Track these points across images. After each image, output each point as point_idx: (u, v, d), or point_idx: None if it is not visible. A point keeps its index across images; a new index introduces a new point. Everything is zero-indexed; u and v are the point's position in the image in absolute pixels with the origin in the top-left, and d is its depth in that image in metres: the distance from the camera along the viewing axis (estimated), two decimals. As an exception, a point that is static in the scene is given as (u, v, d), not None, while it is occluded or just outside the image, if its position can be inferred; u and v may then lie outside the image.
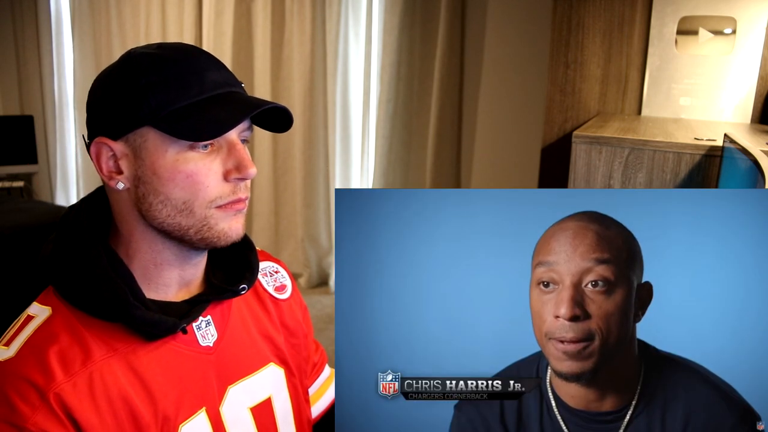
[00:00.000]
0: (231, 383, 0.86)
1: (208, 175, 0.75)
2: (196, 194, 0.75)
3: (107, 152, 0.76)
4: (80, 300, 0.75)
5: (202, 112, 0.74)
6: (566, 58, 2.33)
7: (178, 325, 0.78)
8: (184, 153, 0.74)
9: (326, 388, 1.06)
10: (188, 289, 0.84)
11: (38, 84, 4.43)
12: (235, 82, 0.80)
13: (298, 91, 3.74)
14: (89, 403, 0.72)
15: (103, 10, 4.20)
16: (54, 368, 0.71)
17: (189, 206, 0.75)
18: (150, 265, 0.80)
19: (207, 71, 0.76)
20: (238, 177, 0.76)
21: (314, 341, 1.05)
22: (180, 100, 0.74)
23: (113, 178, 0.77)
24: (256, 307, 0.94)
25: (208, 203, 0.76)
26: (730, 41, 2.12)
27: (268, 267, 0.99)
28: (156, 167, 0.75)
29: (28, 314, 0.77)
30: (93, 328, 0.75)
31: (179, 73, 0.74)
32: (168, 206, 0.75)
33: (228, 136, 0.76)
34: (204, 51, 0.80)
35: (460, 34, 3.36)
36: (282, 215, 4.02)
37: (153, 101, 0.73)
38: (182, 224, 0.76)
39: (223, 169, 0.76)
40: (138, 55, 0.77)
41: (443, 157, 3.47)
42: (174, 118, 0.73)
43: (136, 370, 0.76)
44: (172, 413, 0.78)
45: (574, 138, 1.65)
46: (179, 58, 0.76)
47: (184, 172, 0.74)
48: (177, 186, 0.75)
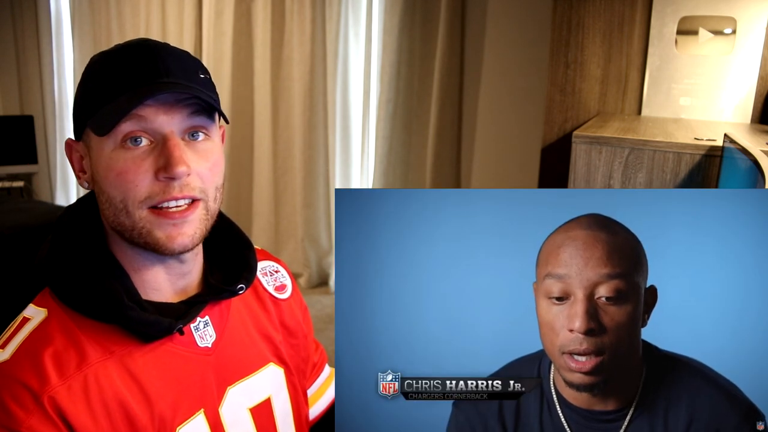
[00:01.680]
0: (230, 384, 0.85)
1: (137, 172, 0.73)
2: (126, 193, 0.73)
3: (75, 152, 0.79)
4: (75, 301, 0.75)
5: (111, 106, 0.72)
6: (566, 58, 2.33)
7: (174, 326, 0.77)
8: (117, 151, 0.73)
9: (326, 388, 1.05)
10: (185, 290, 0.83)
11: (38, 84, 4.43)
12: (177, 74, 0.75)
13: (298, 91, 3.74)
14: (84, 407, 0.71)
15: (103, 10, 4.20)
16: (49, 371, 0.70)
17: (124, 205, 0.74)
18: (131, 270, 0.79)
19: (141, 64, 0.73)
20: (166, 176, 0.72)
21: (314, 341, 1.05)
22: (106, 97, 0.73)
23: (80, 177, 0.80)
24: (255, 306, 0.93)
25: (140, 203, 0.73)
26: (730, 41, 2.12)
27: (268, 266, 0.99)
28: (97, 166, 0.75)
29: (24, 316, 0.77)
30: (89, 330, 0.75)
31: (114, 69, 0.74)
32: (111, 205, 0.75)
33: (160, 130, 0.73)
34: (153, 44, 0.76)
35: (460, 34, 3.36)
36: (282, 215, 4.01)
37: (90, 99, 0.75)
38: (125, 225, 0.75)
39: (155, 166, 0.73)
40: (94, 56, 0.78)
41: (443, 157, 3.47)
42: (98, 113, 0.74)
43: (133, 372, 0.75)
44: (169, 415, 0.77)
45: (574, 138, 1.66)
46: (121, 55, 0.75)
47: (115, 170, 0.73)
48: (111, 184, 0.74)
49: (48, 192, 4.57)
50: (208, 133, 0.77)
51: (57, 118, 4.45)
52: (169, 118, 0.73)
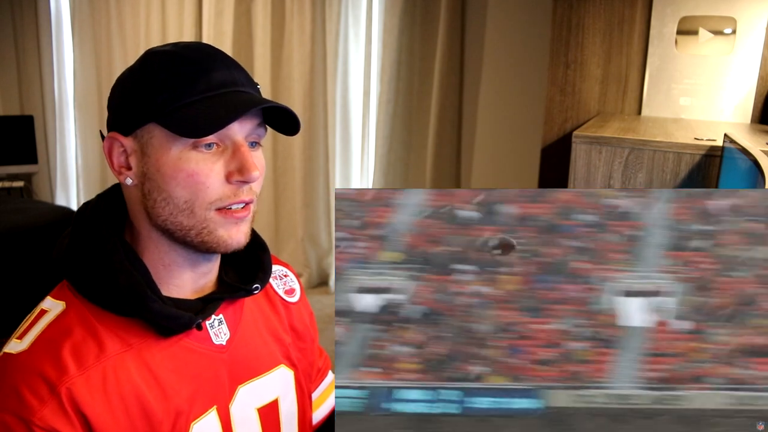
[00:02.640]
0: (241, 383, 0.85)
1: (209, 175, 0.74)
2: (196, 194, 0.74)
3: (118, 148, 0.77)
4: (96, 294, 0.75)
5: (201, 109, 0.73)
6: (566, 58, 2.33)
7: (194, 320, 0.78)
8: (187, 152, 0.74)
9: (328, 395, 1.06)
10: (203, 288, 0.84)
11: (38, 84, 4.43)
12: (245, 82, 0.78)
13: (298, 91, 3.74)
14: (101, 398, 0.71)
15: (103, 10, 4.20)
16: (67, 362, 0.71)
17: (190, 206, 0.75)
18: (159, 266, 0.80)
19: (215, 70, 0.76)
20: (240, 179, 0.75)
21: (319, 347, 1.06)
22: (184, 98, 0.74)
23: (123, 173, 0.78)
24: (266, 308, 0.94)
25: (209, 204, 0.75)
26: (730, 41, 2.12)
27: (277, 270, 0.99)
28: (160, 164, 0.75)
29: (41, 308, 0.77)
30: (107, 322, 0.75)
31: (188, 71, 0.75)
32: (170, 204, 0.75)
33: (233, 136, 0.75)
34: (219, 51, 0.79)
35: (460, 34, 3.37)
36: (282, 215, 4.02)
37: (160, 98, 0.74)
38: (184, 224, 0.76)
39: (225, 170, 0.75)
40: (153, 53, 0.78)
41: (443, 157, 3.47)
42: (176, 114, 0.73)
43: (150, 366, 0.76)
44: (185, 411, 0.78)
45: (574, 138, 1.66)
46: (190, 56, 0.76)
47: (186, 171, 0.74)
48: (179, 185, 0.74)
49: (48, 192, 4.57)
50: (261, 142, 0.80)
51: (57, 118, 4.45)
52: (242, 126, 0.76)
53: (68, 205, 4.51)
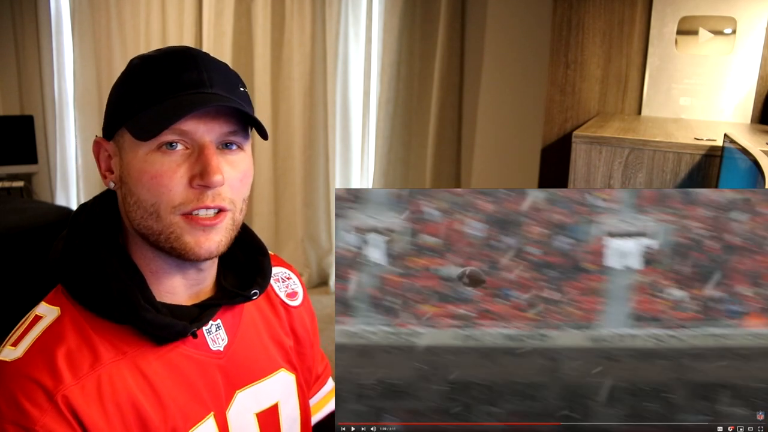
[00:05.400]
0: (239, 388, 0.85)
1: (172, 177, 0.73)
2: (159, 197, 0.73)
3: (103, 152, 0.80)
4: (90, 301, 0.75)
5: (158, 110, 0.73)
6: (566, 58, 2.33)
7: (189, 329, 0.77)
8: (152, 154, 0.74)
9: (326, 402, 1.05)
10: (198, 294, 0.83)
11: (38, 84, 4.43)
12: (218, 84, 0.76)
13: (298, 91, 3.74)
14: (97, 407, 0.71)
15: (103, 10, 4.20)
16: (62, 370, 0.70)
17: (156, 209, 0.74)
18: (148, 272, 0.79)
19: (185, 72, 0.75)
20: (201, 183, 0.73)
21: (320, 352, 1.05)
22: (150, 101, 0.74)
23: (107, 177, 0.79)
24: (268, 311, 0.93)
25: (172, 208, 0.74)
26: (730, 41, 2.12)
27: (280, 273, 0.99)
28: (129, 168, 0.75)
29: (36, 314, 0.77)
30: (102, 330, 0.75)
31: (159, 74, 0.75)
32: (140, 208, 0.75)
33: (199, 139, 0.74)
34: (200, 54, 0.78)
35: (460, 34, 3.37)
36: (282, 215, 4.02)
37: (130, 102, 0.75)
38: (153, 228, 0.75)
39: (189, 173, 0.74)
40: (135, 59, 0.79)
41: (443, 157, 3.47)
42: (138, 117, 0.74)
43: (146, 374, 0.75)
44: (181, 419, 0.77)
45: (574, 138, 1.66)
46: (166, 60, 0.76)
47: (150, 173, 0.73)
48: (143, 186, 0.74)
49: (48, 192, 4.56)
50: (241, 145, 0.78)
51: (57, 118, 4.45)
52: (209, 128, 0.74)
53: (68, 205, 4.50)
